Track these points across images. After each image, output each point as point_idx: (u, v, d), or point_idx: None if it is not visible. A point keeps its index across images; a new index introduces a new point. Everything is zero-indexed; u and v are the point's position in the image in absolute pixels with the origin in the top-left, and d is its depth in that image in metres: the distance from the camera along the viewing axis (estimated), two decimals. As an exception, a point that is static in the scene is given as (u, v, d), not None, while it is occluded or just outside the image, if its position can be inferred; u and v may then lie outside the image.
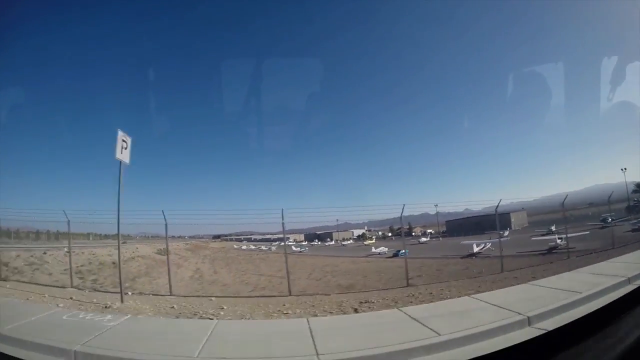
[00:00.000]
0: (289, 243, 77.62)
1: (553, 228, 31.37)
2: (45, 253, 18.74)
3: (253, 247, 69.98)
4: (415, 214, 69.61)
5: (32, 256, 17.36)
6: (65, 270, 13.94)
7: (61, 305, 7.23)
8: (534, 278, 8.57)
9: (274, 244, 68.14)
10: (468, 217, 61.48)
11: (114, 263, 24.41)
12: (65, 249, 17.35)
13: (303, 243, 72.10)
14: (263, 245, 69.11)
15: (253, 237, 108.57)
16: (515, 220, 54.10)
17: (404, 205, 12.10)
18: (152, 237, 56.60)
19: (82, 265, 18.06)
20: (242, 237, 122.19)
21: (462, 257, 22.33)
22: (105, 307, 7.21)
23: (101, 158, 74.89)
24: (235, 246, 79.97)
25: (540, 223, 50.54)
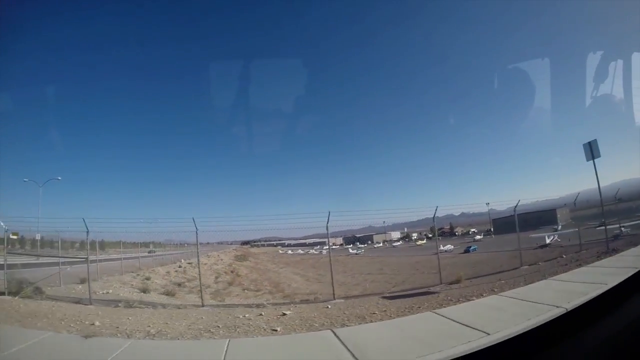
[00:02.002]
0: (333, 247, 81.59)
1: (604, 220, 34.89)
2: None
3: (301, 252, 74.04)
4: (456, 214, 72.96)
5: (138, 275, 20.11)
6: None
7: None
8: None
9: (315, 247, 72.00)
10: (512, 215, 64.04)
11: (232, 272, 29.08)
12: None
13: (349, 246, 75.93)
14: (312, 249, 72.77)
15: (287, 242, 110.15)
16: (560, 216, 57.04)
17: (436, 207, 13.20)
18: (179, 244, 55.45)
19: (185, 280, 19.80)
20: (274, 242, 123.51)
21: (535, 248, 26.41)
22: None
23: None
24: (281, 251, 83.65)
25: (581, 218, 53.18)
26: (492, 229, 61.22)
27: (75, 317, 8.02)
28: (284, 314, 8.24)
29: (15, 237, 14.61)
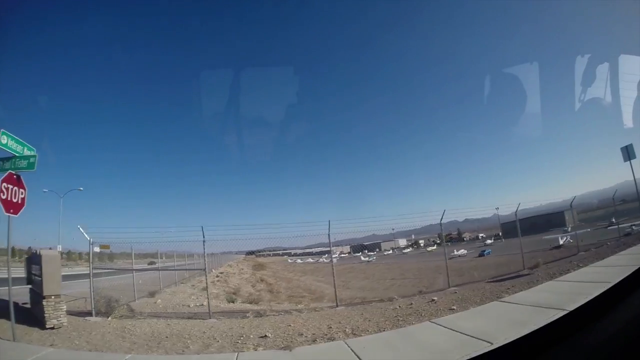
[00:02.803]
0: (342, 255, 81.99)
1: (614, 220, 36.17)
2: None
3: (311, 260, 74.40)
4: (460, 219, 73.61)
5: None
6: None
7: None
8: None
9: (323, 256, 72.48)
10: (521, 219, 65.43)
11: (262, 281, 29.93)
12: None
13: (357, 254, 76.39)
14: (321, 257, 73.23)
15: (292, 251, 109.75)
16: (568, 218, 58.16)
17: (444, 210, 13.02)
18: (186, 255, 55.13)
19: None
20: (280, 252, 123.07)
21: (550, 249, 27.58)
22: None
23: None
24: (290, 260, 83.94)
25: (588, 220, 54.34)
26: (500, 234, 62.20)
27: (224, 333, 7.69)
28: (411, 304, 9.40)
29: (106, 249, 13.08)
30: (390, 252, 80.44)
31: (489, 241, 54.76)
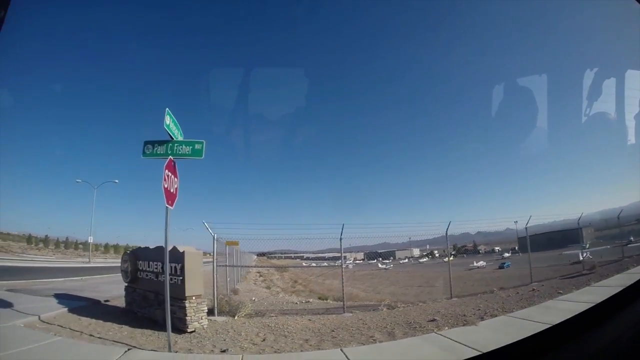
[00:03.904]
0: (357, 262, 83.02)
1: (632, 238, 37.08)
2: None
3: (326, 264, 75.55)
4: (472, 232, 74.15)
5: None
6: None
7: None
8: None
9: (337, 261, 73.28)
10: (537, 234, 66.38)
11: (296, 282, 31.63)
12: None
13: (372, 261, 77.21)
14: (335, 262, 74.03)
15: (305, 255, 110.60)
16: (585, 235, 58.83)
17: (449, 222, 12.77)
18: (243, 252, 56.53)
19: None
20: (292, 255, 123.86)
21: (570, 264, 28.71)
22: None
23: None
24: (304, 264, 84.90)
25: (605, 237, 54.66)
26: (517, 247, 62.87)
27: (379, 323, 8.09)
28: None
29: (235, 245, 12.94)
30: (406, 260, 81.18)
31: (506, 254, 55.44)
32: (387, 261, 67.62)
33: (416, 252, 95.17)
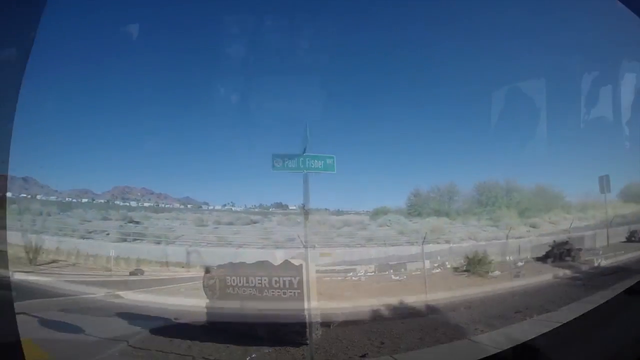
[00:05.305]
0: (361, 274, 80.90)
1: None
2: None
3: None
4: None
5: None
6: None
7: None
8: None
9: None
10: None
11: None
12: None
13: (384, 272, 75.58)
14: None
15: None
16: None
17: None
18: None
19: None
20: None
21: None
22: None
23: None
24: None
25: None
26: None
27: None
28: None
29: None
30: (419, 273, 79.16)
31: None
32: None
33: (427, 264, 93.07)
